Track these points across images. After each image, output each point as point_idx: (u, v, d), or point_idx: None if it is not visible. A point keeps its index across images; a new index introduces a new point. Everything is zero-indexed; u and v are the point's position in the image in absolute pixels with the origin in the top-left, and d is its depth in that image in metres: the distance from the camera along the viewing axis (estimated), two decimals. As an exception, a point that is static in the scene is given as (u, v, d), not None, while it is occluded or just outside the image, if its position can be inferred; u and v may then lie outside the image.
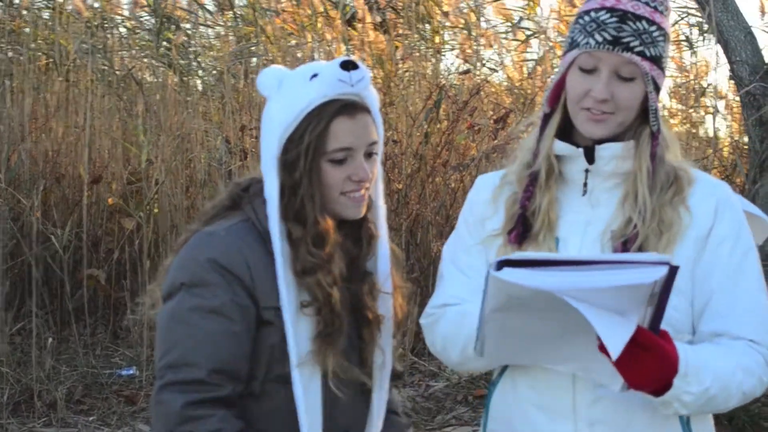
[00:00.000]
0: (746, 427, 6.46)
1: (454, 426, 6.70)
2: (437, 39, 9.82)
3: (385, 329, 2.63)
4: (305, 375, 2.48)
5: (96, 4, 9.76)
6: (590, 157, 2.53)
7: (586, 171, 2.55)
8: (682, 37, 9.33)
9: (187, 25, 9.79)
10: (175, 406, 2.40)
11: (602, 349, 2.27)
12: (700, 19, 8.26)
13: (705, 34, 8.65)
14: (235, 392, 2.45)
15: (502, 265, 2.18)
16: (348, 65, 2.50)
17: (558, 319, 2.27)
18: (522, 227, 2.55)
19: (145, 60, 9.79)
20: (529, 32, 9.76)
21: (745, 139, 7.75)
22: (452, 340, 2.60)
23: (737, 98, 7.70)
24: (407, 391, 7.15)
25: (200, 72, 9.70)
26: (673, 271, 2.18)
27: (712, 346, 2.43)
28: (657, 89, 2.52)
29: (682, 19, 8.85)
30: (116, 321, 8.17)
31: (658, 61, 2.49)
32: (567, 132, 2.57)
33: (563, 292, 2.17)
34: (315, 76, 2.51)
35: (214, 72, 9.60)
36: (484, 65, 9.80)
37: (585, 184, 2.56)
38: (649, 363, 2.27)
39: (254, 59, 9.22)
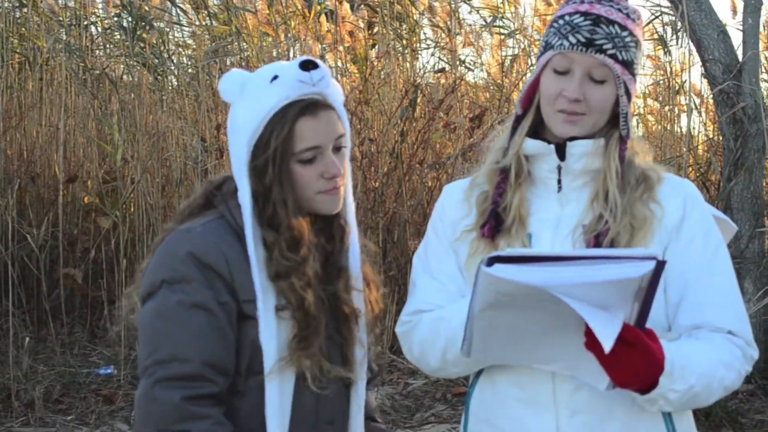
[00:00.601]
0: (723, 424, 6.50)
1: (433, 424, 6.71)
2: (413, 38, 9.83)
3: (361, 323, 2.65)
4: (280, 377, 2.48)
5: (70, 3, 9.73)
6: (561, 155, 2.57)
7: (559, 168, 2.58)
8: (656, 36, 9.36)
9: (162, 24, 9.76)
10: (172, 401, 2.39)
11: (589, 346, 2.29)
12: (674, 18, 8.28)
13: (678, 33, 8.68)
14: (224, 388, 2.45)
15: (492, 261, 2.20)
16: (308, 65, 2.49)
17: (545, 318, 2.28)
18: (494, 221, 2.58)
19: (120, 58, 9.76)
20: (505, 31, 9.78)
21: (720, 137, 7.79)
22: (431, 346, 2.63)
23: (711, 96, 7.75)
24: (386, 389, 7.17)
25: (175, 71, 9.67)
26: (660, 266, 2.21)
27: (694, 342, 2.46)
28: (628, 94, 2.55)
29: (656, 17, 8.88)
30: (93, 320, 8.16)
31: (629, 66, 2.54)
32: (537, 133, 2.60)
33: (553, 287, 2.19)
34: (275, 78, 2.50)
35: (190, 71, 9.58)
36: (462, 62, 9.82)
37: (559, 181, 2.59)
38: (635, 360, 2.30)
39: (229, 58, 9.20)
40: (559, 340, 2.35)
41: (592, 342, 2.28)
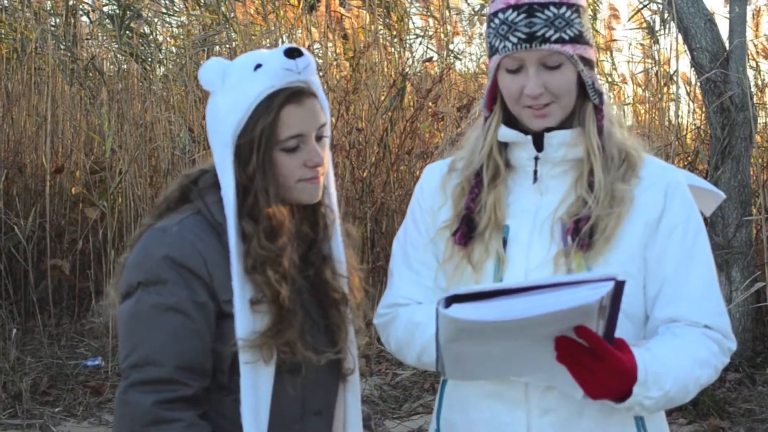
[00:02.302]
0: (711, 413, 6.51)
1: (421, 414, 6.72)
2: (402, 27, 9.82)
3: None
4: (254, 369, 2.47)
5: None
6: (539, 145, 2.53)
7: (536, 158, 2.54)
8: (644, 25, 9.38)
9: (150, 14, 9.74)
10: (143, 406, 2.39)
11: (560, 360, 2.28)
12: (662, 6, 8.28)
13: (666, 22, 8.68)
14: (201, 389, 2.45)
15: (450, 301, 2.19)
16: (293, 53, 2.47)
17: (513, 341, 2.27)
18: (466, 227, 2.55)
19: (107, 48, 9.74)
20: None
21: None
22: (406, 347, 2.63)
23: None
24: (374, 379, 7.17)
25: (164, 61, 9.65)
26: (620, 285, 2.18)
27: (669, 341, 2.44)
28: (588, 64, 2.49)
29: (645, 6, 8.88)
30: (81, 311, 8.15)
31: (579, 38, 2.46)
32: (512, 122, 2.56)
33: (512, 321, 2.17)
34: (259, 66, 2.48)
35: (177, 60, 9.56)
36: (452, 52, 9.81)
37: (535, 172, 2.55)
38: (606, 375, 2.27)
39: (217, 47, 9.18)
40: (531, 356, 2.33)
41: (563, 355, 2.27)
